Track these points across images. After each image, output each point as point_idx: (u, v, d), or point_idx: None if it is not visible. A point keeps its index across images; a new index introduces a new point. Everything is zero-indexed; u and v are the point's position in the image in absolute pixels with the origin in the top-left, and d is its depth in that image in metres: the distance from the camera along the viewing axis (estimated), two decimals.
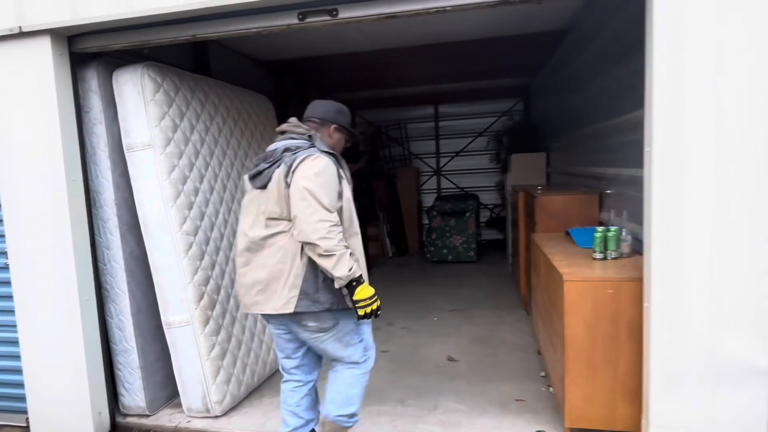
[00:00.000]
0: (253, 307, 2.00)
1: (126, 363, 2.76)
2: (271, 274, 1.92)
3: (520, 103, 7.75)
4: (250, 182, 2.02)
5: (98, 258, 2.72)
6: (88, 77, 2.62)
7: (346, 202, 1.98)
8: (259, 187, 1.97)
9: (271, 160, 1.97)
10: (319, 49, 4.82)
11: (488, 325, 4.11)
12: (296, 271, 1.90)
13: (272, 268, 1.92)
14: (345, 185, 2.00)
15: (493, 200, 8.04)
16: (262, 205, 1.95)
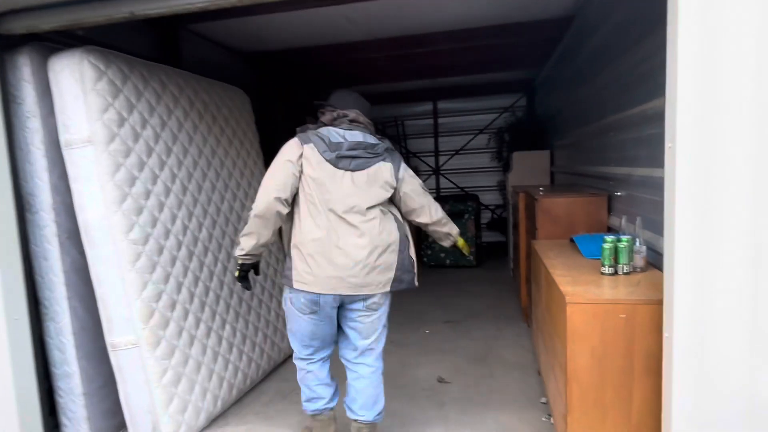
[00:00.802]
0: (363, 288, 2.08)
1: (68, 389, 2.43)
2: (390, 257, 2.12)
3: (522, 98, 7.37)
4: (332, 161, 2.06)
5: (35, 270, 2.39)
6: (19, 64, 2.29)
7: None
8: (349, 169, 2.08)
9: (371, 152, 2.13)
10: (306, 40, 4.48)
11: (486, 339, 3.75)
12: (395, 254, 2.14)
13: (391, 252, 2.13)
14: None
15: (494, 201, 7.67)
16: (351, 189, 2.07)
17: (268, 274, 3.41)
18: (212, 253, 2.88)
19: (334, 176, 2.05)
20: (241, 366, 2.94)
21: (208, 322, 2.74)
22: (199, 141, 2.93)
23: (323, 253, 2.02)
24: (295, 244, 2.07)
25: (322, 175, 2.04)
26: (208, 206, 2.92)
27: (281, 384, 3.13)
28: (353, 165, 2.08)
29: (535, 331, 3.02)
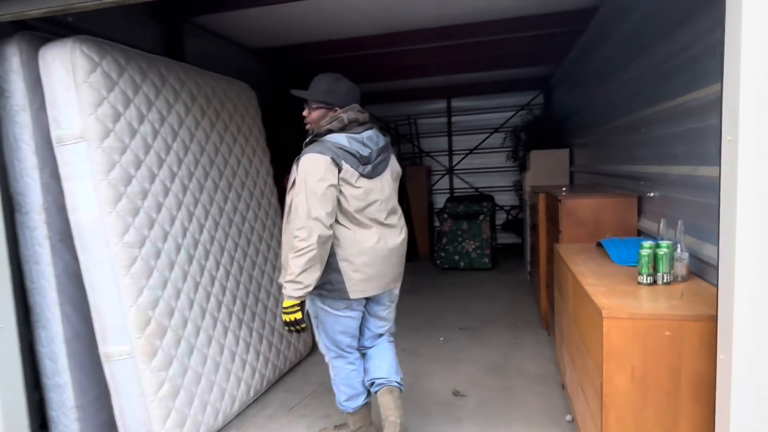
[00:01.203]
0: (391, 284, 2.18)
1: (60, 402, 2.29)
2: (403, 255, 2.23)
3: (539, 95, 7.13)
4: (367, 175, 2.05)
5: (25, 275, 2.25)
6: (8, 54, 2.15)
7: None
8: (375, 177, 2.09)
9: (386, 153, 2.15)
10: (316, 34, 4.31)
11: (503, 348, 3.54)
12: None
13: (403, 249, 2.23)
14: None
15: (509, 201, 7.44)
16: (385, 194, 2.12)
17: (273, 277, 3.25)
18: (214, 257, 2.72)
19: (373, 188, 2.07)
20: (244, 376, 2.77)
21: (208, 330, 2.58)
22: (201, 137, 2.77)
23: (377, 258, 2.07)
24: (344, 258, 2.03)
25: (362, 192, 2.03)
26: (209, 207, 2.76)
27: (286, 395, 2.96)
28: (380, 169, 2.12)
29: (559, 341, 2.81)
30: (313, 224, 1.89)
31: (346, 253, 2.02)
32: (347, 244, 2.02)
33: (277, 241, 3.37)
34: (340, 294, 2.05)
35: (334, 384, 2.28)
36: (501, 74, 6.48)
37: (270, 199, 3.38)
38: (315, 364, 3.41)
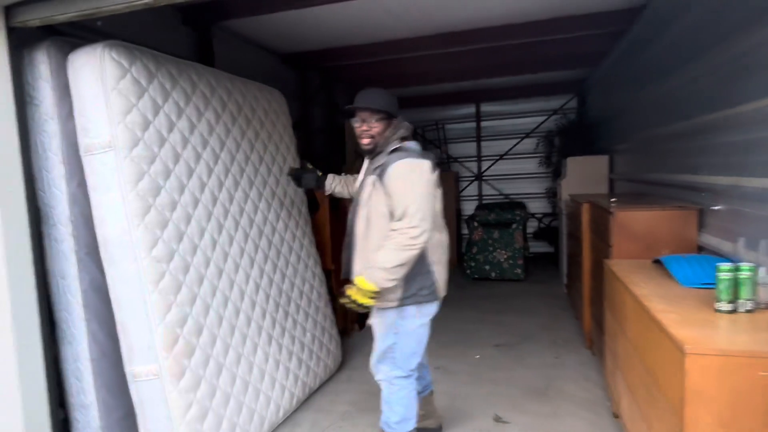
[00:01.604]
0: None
1: (85, 422, 2.19)
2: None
3: (573, 99, 6.88)
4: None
5: (51, 289, 2.17)
6: (37, 61, 2.07)
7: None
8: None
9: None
10: (345, 38, 4.20)
11: (544, 368, 3.33)
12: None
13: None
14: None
15: (541, 208, 7.18)
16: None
17: (303, 291, 3.12)
18: (243, 270, 2.60)
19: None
20: (274, 396, 2.64)
21: (237, 347, 2.46)
22: (231, 146, 2.66)
23: (446, 260, 2.25)
24: (433, 261, 2.13)
25: (439, 194, 2.16)
26: (239, 218, 2.65)
27: (317, 416, 2.82)
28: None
29: (611, 365, 2.60)
30: (426, 227, 1.98)
31: (435, 256, 2.14)
32: (435, 246, 2.13)
33: (307, 252, 3.25)
34: (434, 296, 2.16)
35: (387, 403, 2.21)
36: (532, 78, 6.27)
37: (301, 209, 3.26)
38: (344, 381, 3.26)
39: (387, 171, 2.01)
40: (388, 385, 2.21)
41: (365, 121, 2.14)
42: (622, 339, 2.26)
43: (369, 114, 2.13)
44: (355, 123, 2.17)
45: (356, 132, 2.18)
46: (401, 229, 1.96)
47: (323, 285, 3.39)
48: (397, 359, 2.17)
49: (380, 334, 2.21)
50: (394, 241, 1.96)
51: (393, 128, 2.13)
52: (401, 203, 1.97)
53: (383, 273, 1.96)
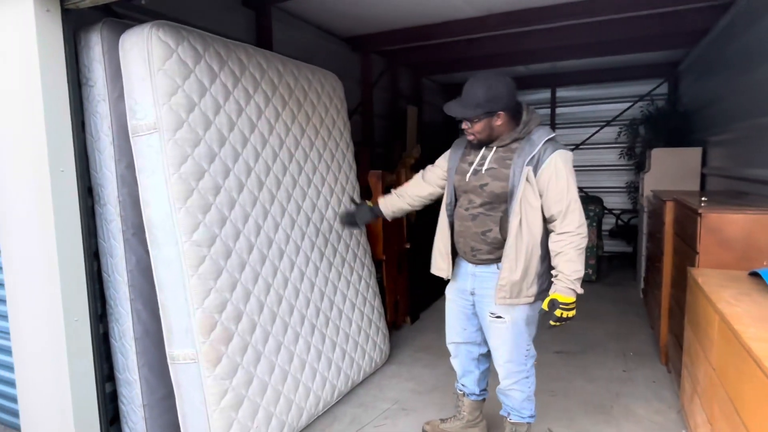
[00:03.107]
0: None
1: (129, 398, 2.25)
2: None
3: (663, 84, 6.19)
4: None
5: (102, 267, 2.23)
6: (92, 43, 2.10)
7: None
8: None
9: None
10: (409, 19, 4.01)
11: (609, 382, 3.01)
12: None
13: None
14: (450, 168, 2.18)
15: (619, 204, 6.60)
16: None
17: (351, 281, 3.03)
18: (288, 257, 2.55)
19: None
20: (314, 387, 2.58)
21: (278, 336, 2.41)
22: (280, 129, 2.60)
23: None
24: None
25: None
26: (287, 204, 2.59)
27: (357, 411, 2.73)
28: None
29: (689, 390, 2.26)
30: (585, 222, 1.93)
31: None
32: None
33: (356, 242, 3.15)
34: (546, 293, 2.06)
35: (529, 399, 2.17)
36: (616, 60, 5.72)
37: (351, 195, 3.16)
38: (391, 376, 3.15)
39: (543, 164, 1.90)
40: (527, 379, 2.14)
41: (465, 121, 2.02)
42: (704, 363, 1.93)
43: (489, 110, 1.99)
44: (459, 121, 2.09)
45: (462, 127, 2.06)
46: (575, 230, 1.90)
47: (372, 276, 3.28)
48: (532, 349, 2.14)
49: (513, 334, 2.05)
50: (573, 245, 1.90)
51: (527, 113, 1.99)
52: (564, 199, 1.90)
53: (580, 281, 1.92)
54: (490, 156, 2.02)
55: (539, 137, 1.95)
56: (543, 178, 1.91)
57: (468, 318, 2.22)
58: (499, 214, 2.00)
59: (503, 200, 1.98)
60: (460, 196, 2.12)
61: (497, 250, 2.01)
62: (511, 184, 1.94)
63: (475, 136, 2.01)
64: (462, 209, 2.09)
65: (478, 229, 2.04)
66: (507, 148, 2.00)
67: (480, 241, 2.04)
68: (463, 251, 2.13)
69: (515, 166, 1.94)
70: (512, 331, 2.05)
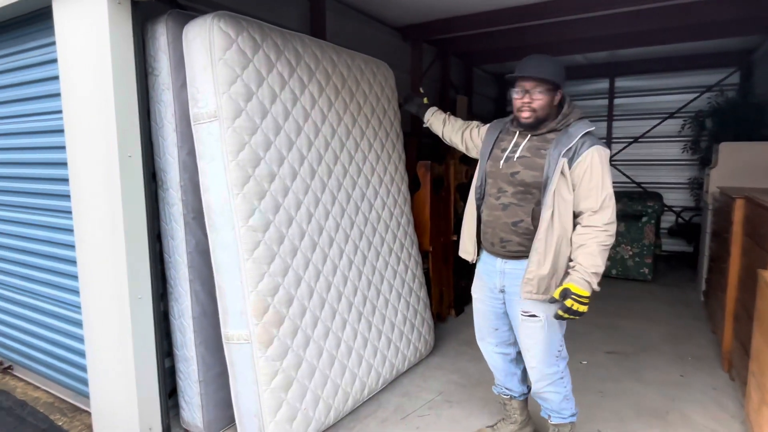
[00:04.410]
0: None
1: (186, 373, 2.37)
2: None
3: (735, 74, 5.78)
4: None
5: (164, 249, 2.35)
6: (158, 34, 2.19)
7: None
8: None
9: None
10: (461, 7, 3.92)
11: (665, 387, 2.88)
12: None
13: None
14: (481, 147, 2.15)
15: (680, 201, 6.25)
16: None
17: (397, 271, 3.04)
18: (338, 245, 2.59)
19: None
20: (360, 373, 2.63)
21: (326, 321, 2.46)
22: (333, 119, 2.63)
23: None
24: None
25: None
26: (337, 192, 2.62)
27: (402, 400, 2.75)
28: None
29: (756, 400, 2.12)
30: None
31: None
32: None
33: (404, 232, 3.15)
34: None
35: (567, 398, 2.11)
36: (682, 48, 5.38)
37: (400, 187, 3.16)
38: (435, 367, 3.15)
39: (578, 158, 1.85)
40: (562, 379, 2.08)
41: (528, 92, 1.91)
42: None
43: (533, 84, 1.90)
44: (516, 94, 1.95)
45: (515, 104, 1.96)
46: (602, 226, 1.84)
47: (419, 266, 3.28)
48: (563, 350, 2.08)
49: (546, 333, 1.98)
50: (599, 240, 1.84)
51: (567, 105, 1.95)
52: (599, 195, 1.85)
53: (597, 278, 1.85)
54: (523, 144, 1.97)
55: (577, 130, 1.89)
56: (577, 172, 1.85)
57: (498, 317, 2.13)
58: (531, 204, 1.93)
59: (535, 190, 1.91)
60: (488, 183, 2.05)
61: (529, 242, 1.93)
62: (545, 174, 1.87)
63: (534, 113, 1.91)
64: (492, 198, 2.02)
65: (508, 219, 1.97)
66: (542, 138, 1.95)
67: (510, 232, 1.97)
68: (491, 242, 2.04)
69: (550, 157, 1.87)
70: (546, 330, 1.97)
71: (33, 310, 2.85)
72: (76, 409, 2.69)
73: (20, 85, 2.63)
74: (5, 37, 2.68)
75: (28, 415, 2.66)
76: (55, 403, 2.76)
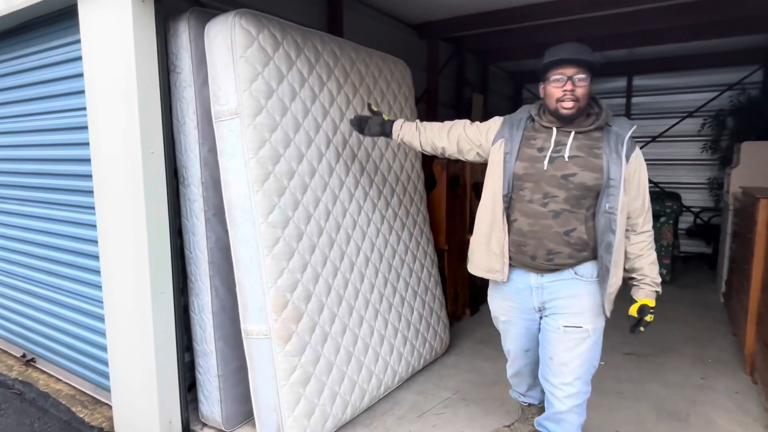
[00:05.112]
0: None
1: (206, 368, 2.39)
2: None
3: (758, 72, 5.67)
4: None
5: (185, 244, 2.37)
6: (180, 31, 2.21)
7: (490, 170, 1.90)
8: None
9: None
10: (478, 4, 3.91)
11: (686, 389, 2.83)
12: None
13: None
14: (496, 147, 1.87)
15: (700, 201, 6.15)
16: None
17: (413, 269, 3.03)
18: (355, 242, 2.59)
19: None
20: (376, 370, 2.63)
21: (344, 318, 2.47)
22: (351, 116, 2.63)
23: None
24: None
25: None
26: (354, 190, 2.63)
27: (418, 398, 2.75)
28: None
29: None
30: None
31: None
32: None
33: (420, 230, 3.14)
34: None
35: (581, 426, 1.93)
36: (703, 45, 5.31)
37: (417, 185, 3.16)
38: (450, 366, 3.14)
39: (629, 157, 1.71)
40: (586, 402, 1.89)
41: (570, 79, 1.68)
42: None
43: (575, 70, 1.68)
44: (556, 82, 1.70)
45: (553, 93, 1.72)
46: (651, 230, 1.80)
47: (435, 265, 3.27)
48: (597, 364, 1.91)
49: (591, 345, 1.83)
50: (653, 247, 1.80)
51: (602, 105, 1.81)
52: (646, 199, 1.78)
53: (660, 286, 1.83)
54: (569, 142, 1.74)
55: (622, 128, 1.75)
56: (628, 172, 1.72)
57: (531, 338, 1.97)
58: (583, 211, 1.73)
59: (593, 194, 1.72)
60: (526, 188, 1.78)
61: (579, 253, 1.76)
62: (606, 176, 1.69)
63: (577, 104, 1.69)
64: (536, 205, 1.76)
65: (560, 229, 1.74)
66: (589, 136, 1.75)
67: (562, 243, 1.75)
68: (531, 255, 1.79)
69: (608, 156, 1.70)
70: (592, 343, 1.83)
71: (56, 304, 2.91)
72: (97, 402, 2.73)
73: (45, 82, 2.68)
74: (32, 35, 2.73)
75: (51, 407, 2.71)
76: (76, 396, 2.80)
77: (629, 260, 1.81)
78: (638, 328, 1.83)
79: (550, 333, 1.85)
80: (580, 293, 1.80)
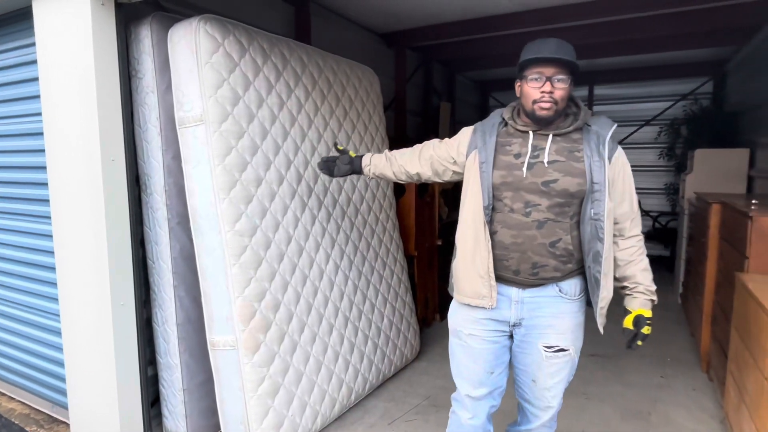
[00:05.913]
0: None
1: (170, 382, 2.32)
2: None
3: (708, 83, 5.97)
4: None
5: (147, 254, 2.30)
6: (142, 36, 2.16)
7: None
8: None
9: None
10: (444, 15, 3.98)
11: (647, 388, 2.93)
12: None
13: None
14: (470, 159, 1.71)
15: (657, 206, 6.40)
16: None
17: (383, 276, 3.04)
18: (324, 250, 2.57)
19: None
20: (347, 379, 2.61)
21: (313, 327, 2.44)
22: (319, 124, 2.62)
23: None
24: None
25: None
26: (323, 197, 2.61)
27: (389, 405, 2.75)
28: None
29: (735, 399, 2.18)
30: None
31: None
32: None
33: (389, 237, 3.15)
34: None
35: None
36: (658, 57, 5.55)
37: (386, 191, 3.17)
38: (422, 373, 3.15)
39: (611, 158, 1.58)
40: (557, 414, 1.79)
41: (549, 80, 1.54)
42: (754, 372, 1.86)
43: (555, 70, 1.54)
44: (534, 81, 1.56)
45: (530, 94, 1.57)
46: (641, 235, 1.66)
47: (404, 271, 3.28)
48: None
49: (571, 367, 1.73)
50: (644, 252, 1.66)
51: (580, 105, 1.66)
52: (633, 199, 1.64)
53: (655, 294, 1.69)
54: (548, 146, 1.59)
55: (603, 127, 1.60)
56: (612, 174, 1.58)
57: (498, 357, 1.72)
58: (567, 220, 1.59)
59: (577, 201, 1.58)
60: (505, 197, 1.62)
61: (564, 266, 1.60)
62: (589, 180, 1.55)
63: (555, 106, 1.56)
64: (519, 215, 1.60)
65: (545, 240, 1.58)
66: (568, 138, 1.61)
67: (547, 255, 1.59)
68: (515, 270, 1.62)
69: (590, 159, 1.56)
70: (573, 364, 1.72)
71: (8, 319, 2.76)
72: (54, 420, 2.61)
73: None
74: None
75: (2, 428, 2.57)
76: (31, 415, 2.67)
77: (619, 268, 1.66)
78: (635, 343, 1.66)
79: (531, 354, 1.69)
80: (562, 313, 1.65)
